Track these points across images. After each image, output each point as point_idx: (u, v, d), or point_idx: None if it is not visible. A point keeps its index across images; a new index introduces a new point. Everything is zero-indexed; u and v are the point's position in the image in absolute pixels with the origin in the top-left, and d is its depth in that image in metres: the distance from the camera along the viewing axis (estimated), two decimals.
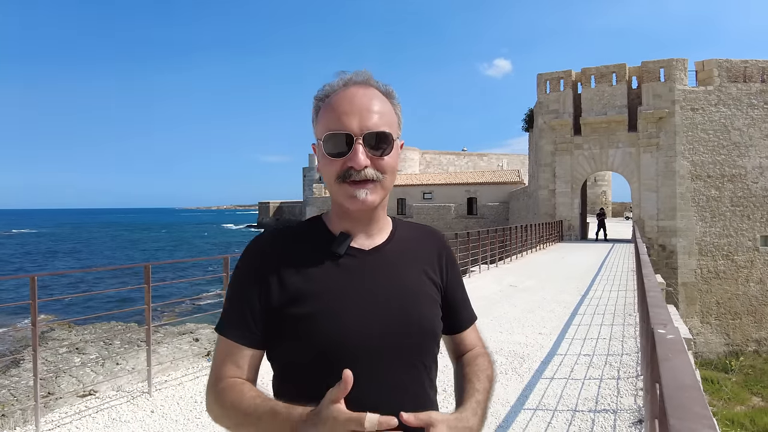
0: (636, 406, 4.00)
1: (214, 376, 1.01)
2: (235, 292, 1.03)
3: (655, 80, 22.85)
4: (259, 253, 1.04)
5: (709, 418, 1.05)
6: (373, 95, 1.04)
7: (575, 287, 10.21)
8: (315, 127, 1.07)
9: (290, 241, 1.06)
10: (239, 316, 1.01)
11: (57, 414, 3.97)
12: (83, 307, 26.43)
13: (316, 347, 0.96)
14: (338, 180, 1.01)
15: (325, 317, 0.97)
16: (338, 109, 1.01)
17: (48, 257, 57.67)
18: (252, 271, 1.02)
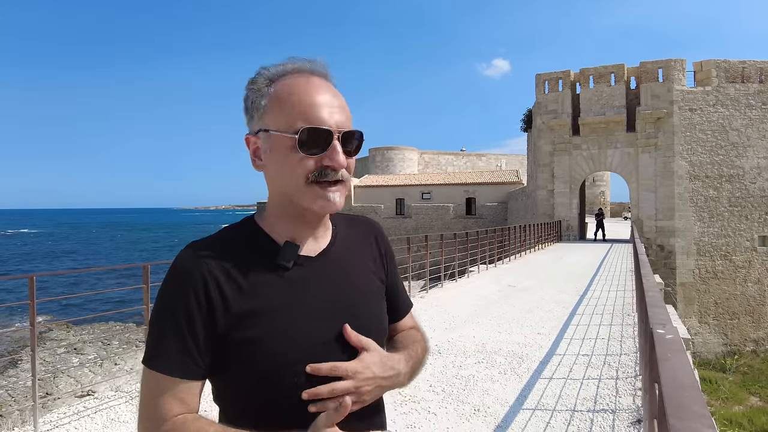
0: (635, 406, 4.00)
1: (153, 418, 0.85)
2: (171, 318, 0.87)
3: (653, 81, 22.89)
4: (197, 273, 0.88)
5: (708, 417, 1.05)
6: (335, 90, 0.96)
7: (574, 287, 10.22)
8: (262, 116, 0.93)
9: (228, 256, 0.91)
10: (180, 347, 0.86)
11: (55, 414, 3.97)
12: (81, 308, 26.41)
13: (260, 372, 0.88)
14: (307, 180, 0.91)
15: (270, 339, 0.88)
16: (310, 100, 0.90)
17: (46, 258, 57.59)
18: (190, 294, 0.87)
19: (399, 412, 3.99)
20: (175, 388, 0.86)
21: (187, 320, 0.87)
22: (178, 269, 0.89)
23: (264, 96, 0.93)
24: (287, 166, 0.91)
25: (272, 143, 0.92)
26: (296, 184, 0.91)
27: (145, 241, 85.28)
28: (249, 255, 0.93)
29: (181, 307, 0.87)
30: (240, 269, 0.91)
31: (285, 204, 0.95)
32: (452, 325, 7.14)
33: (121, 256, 60.74)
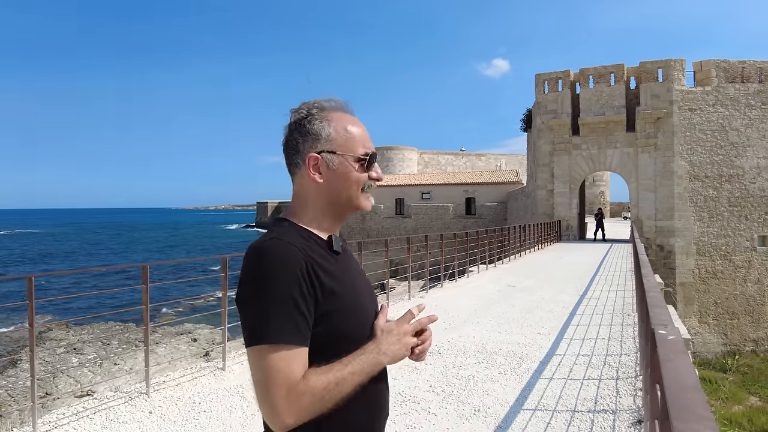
0: (635, 406, 3.99)
1: (289, 383, 1.01)
2: (286, 296, 1.04)
3: (653, 80, 22.88)
4: (301, 259, 1.09)
5: (711, 419, 1.04)
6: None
7: (574, 287, 10.21)
8: (324, 141, 1.20)
9: (308, 246, 1.14)
10: (297, 320, 1.05)
11: (54, 415, 3.95)
12: (81, 308, 26.39)
13: (344, 332, 1.13)
14: (363, 189, 1.23)
15: (349, 311, 1.15)
16: (363, 133, 1.24)
17: (45, 258, 57.54)
18: (299, 275, 1.07)
19: (399, 413, 3.98)
20: (297, 357, 1.04)
21: (301, 298, 1.06)
22: (283, 257, 1.07)
23: (326, 125, 1.21)
24: (351, 179, 1.21)
25: (339, 162, 1.20)
26: (356, 192, 1.22)
27: (145, 241, 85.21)
28: (315, 246, 1.16)
29: (293, 287, 1.06)
30: (318, 256, 1.14)
31: (333, 208, 1.22)
32: (452, 325, 7.13)
33: (120, 257, 60.71)
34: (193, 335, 14.03)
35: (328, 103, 1.24)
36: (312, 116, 1.21)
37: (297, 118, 1.22)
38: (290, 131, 1.23)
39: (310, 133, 1.20)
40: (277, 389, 1.01)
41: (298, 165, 1.22)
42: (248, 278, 1.07)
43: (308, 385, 1.02)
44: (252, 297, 1.05)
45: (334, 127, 1.20)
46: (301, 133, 1.21)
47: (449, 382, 4.71)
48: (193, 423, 3.88)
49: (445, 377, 4.85)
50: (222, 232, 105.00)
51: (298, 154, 1.21)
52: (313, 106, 1.23)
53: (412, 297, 9.44)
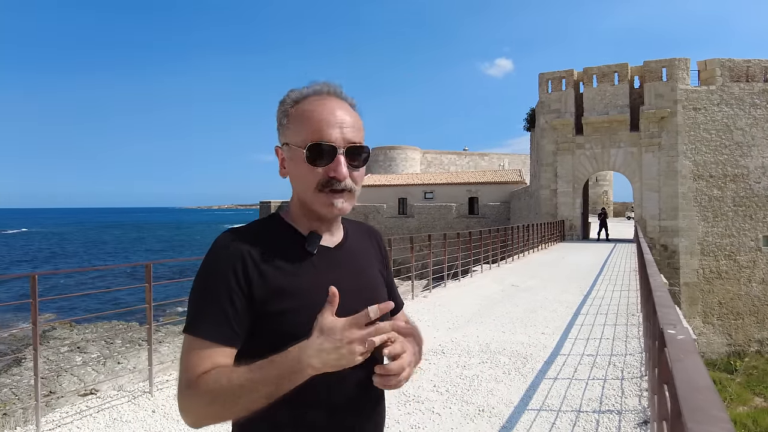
0: (641, 407, 3.96)
1: (188, 376, 0.95)
2: (212, 290, 0.99)
3: (657, 80, 22.80)
4: (238, 251, 1.02)
5: (727, 421, 1.02)
6: (348, 108, 1.10)
7: (577, 287, 10.17)
8: (285, 131, 1.09)
9: (263, 240, 1.06)
10: (219, 315, 0.98)
11: (58, 414, 3.95)
12: (84, 307, 26.45)
13: (287, 338, 0.94)
14: (317, 188, 1.05)
15: (307, 312, 0.97)
16: (320, 119, 1.05)
17: (50, 257, 57.76)
18: (231, 269, 1.00)
19: (403, 412, 3.96)
20: (210, 354, 0.97)
21: (228, 293, 0.99)
22: (219, 248, 1.03)
23: (287, 114, 1.09)
24: (302, 176, 1.06)
25: (291, 155, 1.08)
26: (308, 191, 1.06)
27: (150, 240, 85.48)
28: (280, 241, 1.08)
29: (222, 281, 1.00)
30: (274, 252, 1.05)
31: (302, 205, 1.11)
32: (456, 324, 7.11)
33: (123, 255, 60.89)
34: None
35: (305, 89, 1.10)
36: (280, 104, 1.11)
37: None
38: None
39: (278, 124, 1.12)
40: (180, 380, 0.96)
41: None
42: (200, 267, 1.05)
43: (199, 382, 0.93)
44: (192, 287, 1.03)
45: (291, 116, 1.08)
46: (277, 124, 1.13)
47: (453, 381, 4.69)
48: None
49: (449, 377, 4.82)
50: None
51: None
52: (287, 94, 1.11)
53: (415, 296, 9.42)
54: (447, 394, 4.37)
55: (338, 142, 1.05)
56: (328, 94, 1.09)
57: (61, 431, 3.66)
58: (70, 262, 53.71)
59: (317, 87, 1.10)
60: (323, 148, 1.04)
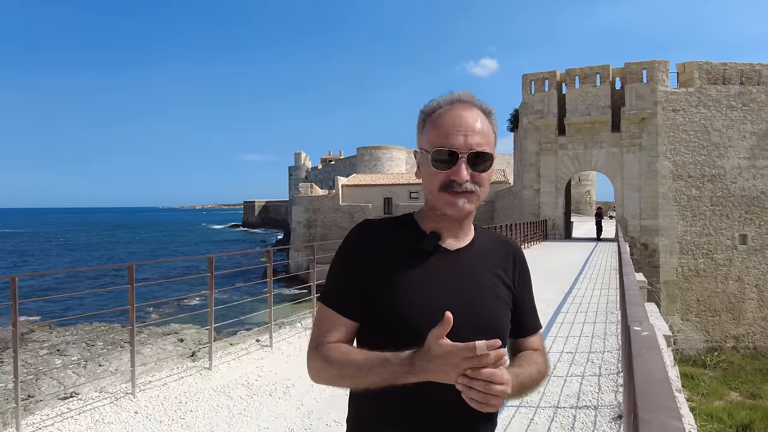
0: (616, 402, 4.08)
1: (318, 339, 1.16)
2: (341, 272, 1.19)
3: (637, 81, 23.19)
4: (363, 242, 1.19)
5: (676, 410, 1.09)
6: (477, 116, 1.18)
7: (559, 286, 10.33)
8: (420, 137, 1.22)
9: (387, 234, 1.20)
10: (345, 293, 1.17)
11: (38, 416, 3.92)
12: (65, 308, 26.03)
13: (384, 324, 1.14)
14: (440, 189, 1.16)
15: (405, 306, 1.13)
16: (446, 126, 1.16)
17: (27, 258, 56.61)
18: (356, 256, 1.18)
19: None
20: (336, 322, 1.17)
21: (352, 276, 1.17)
22: (351, 236, 1.22)
23: (422, 122, 1.22)
24: (428, 178, 1.18)
25: (421, 159, 1.20)
26: (433, 191, 1.18)
27: (133, 241, 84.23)
28: (403, 237, 1.20)
29: (349, 265, 1.19)
30: (393, 246, 1.18)
31: (430, 205, 1.22)
32: None
33: (106, 256, 59.95)
34: (179, 335, 13.91)
35: (440, 99, 1.21)
36: (420, 113, 1.24)
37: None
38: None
39: (417, 131, 1.24)
40: (311, 341, 1.18)
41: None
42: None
43: (323, 351, 1.13)
44: (330, 264, 1.22)
45: (427, 123, 1.20)
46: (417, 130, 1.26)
47: None
48: (180, 423, 3.88)
49: None
50: (209, 231, 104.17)
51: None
52: (429, 103, 1.23)
53: None
54: None
55: (461, 148, 1.14)
56: (459, 101, 1.19)
57: None
58: (46, 264, 52.74)
59: (451, 96, 1.21)
60: (445, 153, 1.14)
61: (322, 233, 38.43)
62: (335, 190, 40.34)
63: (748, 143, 22.45)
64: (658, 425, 1.04)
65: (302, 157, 75.22)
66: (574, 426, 3.69)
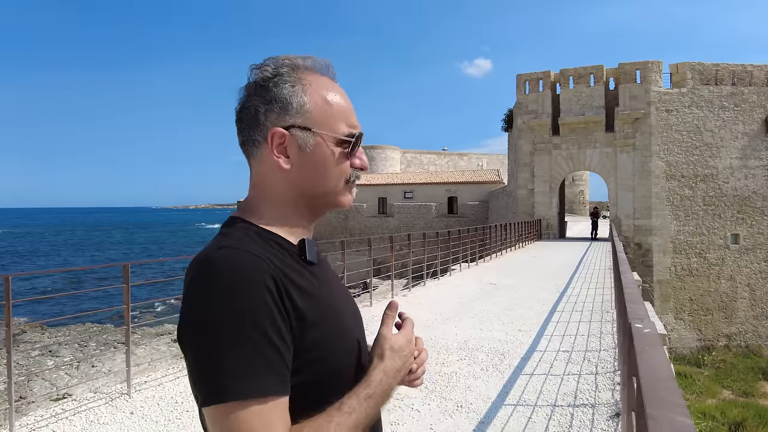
0: (613, 400, 4.09)
1: None
2: (255, 328, 0.73)
3: (631, 82, 23.32)
4: (267, 274, 0.77)
5: (683, 407, 1.09)
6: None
7: (554, 285, 10.36)
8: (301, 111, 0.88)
9: (274, 256, 0.83)
10: (277, 359, 0.74)
11: (32, 417, 3.88)
12: (57, 309, 25.82)
13: (332, 367, 0.84)
14: (347, 181, 0.92)
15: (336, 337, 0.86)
16: (347, 103, 0.92)
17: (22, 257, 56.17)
18: (268, 298, 0.75)
19: (382, 409, 4.01)
20: (282, 408, 0.74)
21: (276, 330, 0.75)
22: (245, 273, 0.75)
23: (300, 91, 0.88)
24: (329, 167, 0.89)
25: (314, 143, 0.88)
26: (338, 184, 0.91)
27: (126, 242, 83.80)
28: (286, 256, 0.85)
29: (264, 312, 0.74)
30: (289, 269, 0.83)
31: (305, 203, 0.91)
32: (435, 322, 7.19)
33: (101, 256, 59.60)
34: (173, 336, 13.85)
35: (304, 62, 0.91)
36: (281, 76, 0.88)
37: (260, 77, 0.89)
38: (248, 95, 0.89)
39: (277, 100, 0.87)
40: None
41: (256, 143, 0.89)
42: (197, 306, 0.75)
43: None
44: (205, 334, 0.73)
45: (310, 95, 0.88)
46: (264, 99, 0.87)
47: (432, 378, 4.75)
48: (176, 423, 3.85)
49: (428, 374, 4.88)
50: (205, 231, 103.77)
51: (257, 128, 0.88)
52: (283, 62, 0.89)
53: (395, 295, 9.48)
54: (426, 391, 4.43)
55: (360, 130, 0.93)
56: (333, 77, 0.95)
57: None
58: (44, 263, 52.35)
59: (321, 64, 0.93)
60: (360, 140, 0.91)
61: (316, 232, 38.19)
62: None
63: (740, 143, 22.64)
64: (666, 421, 1.04)
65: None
66: (572, 424, 3.69)
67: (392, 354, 0.87)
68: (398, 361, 0.87)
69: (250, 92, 0.89)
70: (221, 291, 0.74)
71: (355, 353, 0.89)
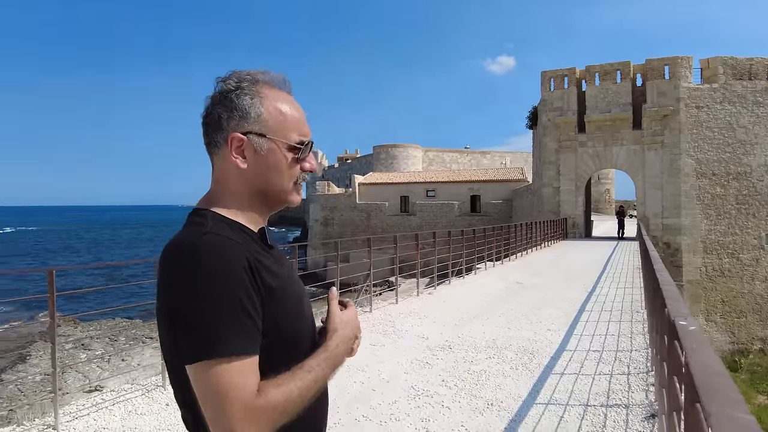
0: (647, 401, 4.02)
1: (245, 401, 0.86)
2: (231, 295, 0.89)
3: (659, 78, 22.79)
4: (242, 255, 0.94)
5: (743, 402, 1.07)
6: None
7: (581, 284, 10.22)
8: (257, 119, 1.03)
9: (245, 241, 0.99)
10: (245, 330, 0.90)
11: (74, 406, 4.02)
12: (90, 304, 26.54)
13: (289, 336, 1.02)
14: (295, 182, 1.09)
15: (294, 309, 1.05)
16: (299, 114, 1.09)
17: (54, 254, 57.88)
18: (244, 274, 0.92)
19: (412, 406, 4.02)
20: (254, 366, 0.91)
21: (251, 301, 0.92)
22: (226, 254, 0.92)
23: (258, 102, 1.04)
24: (281, 169, 1.06)
25: (268, 148, 1.04)
26: (287, 185, 1.08)
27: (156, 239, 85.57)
28: (248, 240, 1.02)
29: (243, 288, 0.91)
30: (255, 251, 1.00)
31: (258, 199, 1.07)
32: (462, 321, 7.17)
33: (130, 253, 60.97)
34: None
35: (263, 77, 1.07)
36: (242, 89, 1.04)
37: (223, 89, 1.05)
38: (213, 103, 1.05)
39: (237, 109, 1.03)
40: (233, 408, 0.85)
41: (218, 144, 1.05)
42: (183, 282, 0.89)
43: (267, 399, 0.88)
44: (191, 303, 0.88)
45: (266, 106, 1.04)
46: (226, 108, 1.03)
47: (461, 376, 4.74)
48: None
49: (457, 372, 4.88)
50: None
51: (220, 132, 1.04)
52: (244, 77, 1.05)
53: (420, 293, 9.47)
54: (455, 389, 4.43)
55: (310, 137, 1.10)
56: (289, 90, 1.11)
57: (78, 423, 3.72)
58: (69, 260, 53.85)
59: (278, 78, 1.09)
60: (310, 146, 1.09)
61: (339, 231, 38.57)
62: (352, 189, 40.43)
63: None
64: (725, 417, 1.02)
65: (319, 156, 75.54)
66: (606, 424, 3.65)
67: (344, 325, 1.09)
68: (349, 331, 1.10)
69: (215, 101, 1.06)
70: (206, 270, 0.90)
71: (308, 326, 1.09)
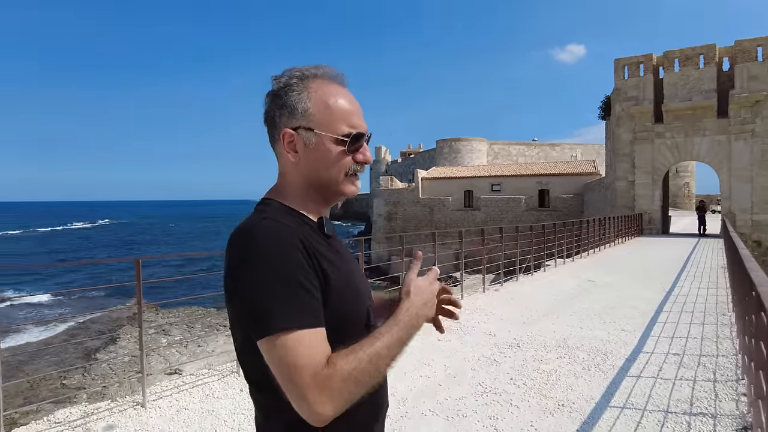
0: (738, 412, 3.72)
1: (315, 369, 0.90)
2: (291, 275, 0.94)
3: (751, 60, 20.98)
4: (296, 239, 0.99)
5: None
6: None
7: (659, 284, 9.64)
8: (306, 114, 1.07)
9: (301, 227, 1.04)
10: (308, 305, 0.95)
11: (159, 387, 4.31)
12: (170, 292, 28.32)
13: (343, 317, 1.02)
14: (348, 174, 1.10)
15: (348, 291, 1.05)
16: (348, 106, 1.10)
17: (140, 245, 62.23)
18: (301, 256, 0.97)
19: (480, 403, 3.97)
20: (321, 336, 0.95)
21: (309, 281, 0.97)
22: (282, 237, 0.98)
23: (304, 98, 1.07)
24: (329, 161, 1.08)
25: (317, 141, 1.07)
26: (338, 176, 1.09)
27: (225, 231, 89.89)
28: (305, 228, 1.05)
29: (300, 267, 0.96)
30: (312, 239, 1.03)
31: (313, 189, 1.11)
32: (531, 319, 6.98)
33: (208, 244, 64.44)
34: None
35: (313, 71, 1.10)
36: (290, 86, 1.08)
37: (276, 88, 1.10)
38: (268, 102, 1.11)
39: (286, 106, 1.08)
40: (301, 378, 0.89)
41: (276, 140, 1.11)
42: (245, 264, 0.95)
43: (335, 368, 0.90)
44: (254, 282, 0.93)
45: (313, 101, 1.07)
46: (277, 105, 1.09)
47: (530, 375, 4.62)
48: None
49: (526, 370, 4.76)
50: None
51: (275, 128, 1.10)
52: (293, 74, 1.10)
53: (486, 290, 9.32)
54: (524, 388, 4.32)
55: (366, 130, 1.12)
56: (341, 83, 1.13)
57: (163, 402, 3.99)
58: (148, 251, 57.62)
59: (330, 73, 1.12)
60: (361, 137, 1.10)
61: (402, 226, 38.68)
62: (415, 183, 40.37)
63: None
64: None
65: (382, 151, 76.01)
66: None
67: (417, 290, 1.07)
68: (423, 296, 1.08)
69: (270, 99, 1.11)
70: (263, 251, 0.95)
71: (363, 307, 1.10)
